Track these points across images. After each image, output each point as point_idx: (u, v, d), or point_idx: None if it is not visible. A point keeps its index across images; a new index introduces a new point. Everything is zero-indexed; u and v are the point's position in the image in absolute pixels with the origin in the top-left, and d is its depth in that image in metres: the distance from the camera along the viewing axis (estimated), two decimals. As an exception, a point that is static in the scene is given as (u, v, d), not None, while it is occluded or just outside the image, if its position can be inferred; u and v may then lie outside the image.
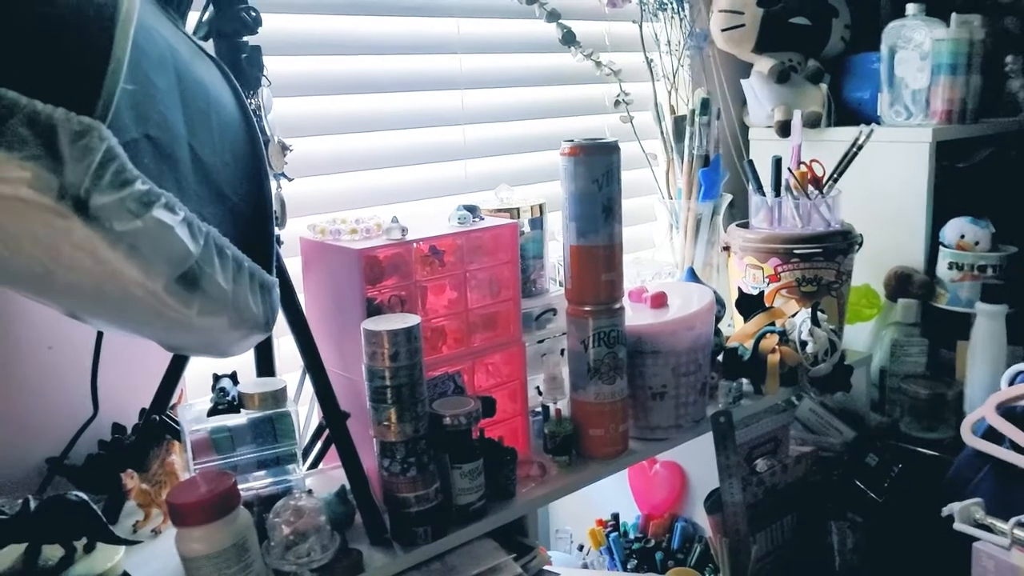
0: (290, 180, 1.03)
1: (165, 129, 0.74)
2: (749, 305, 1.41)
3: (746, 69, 1.77)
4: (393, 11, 1.34)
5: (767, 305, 1.42)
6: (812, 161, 1.49)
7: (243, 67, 0.96)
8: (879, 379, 1.64)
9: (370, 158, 1.35)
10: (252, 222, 0.84)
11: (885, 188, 1.62)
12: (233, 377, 0.99)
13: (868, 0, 1.82)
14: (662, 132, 1.63)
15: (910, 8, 1.64)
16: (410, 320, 0.92)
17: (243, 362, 1.02)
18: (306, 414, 1.12)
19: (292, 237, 1.09)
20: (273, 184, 0.99)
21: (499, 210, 1.18)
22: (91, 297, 0.73)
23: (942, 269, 1.60)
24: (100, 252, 0.65)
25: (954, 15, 1.59)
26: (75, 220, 0.62)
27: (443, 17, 1.41)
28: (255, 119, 0.92)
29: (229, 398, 0.94)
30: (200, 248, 0.72)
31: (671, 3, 1.60)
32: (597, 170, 1.06)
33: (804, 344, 1.36)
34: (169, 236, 0.69)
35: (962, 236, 1.58)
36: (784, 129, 1.65)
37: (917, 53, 1.62)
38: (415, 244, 1.03)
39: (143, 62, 0.72)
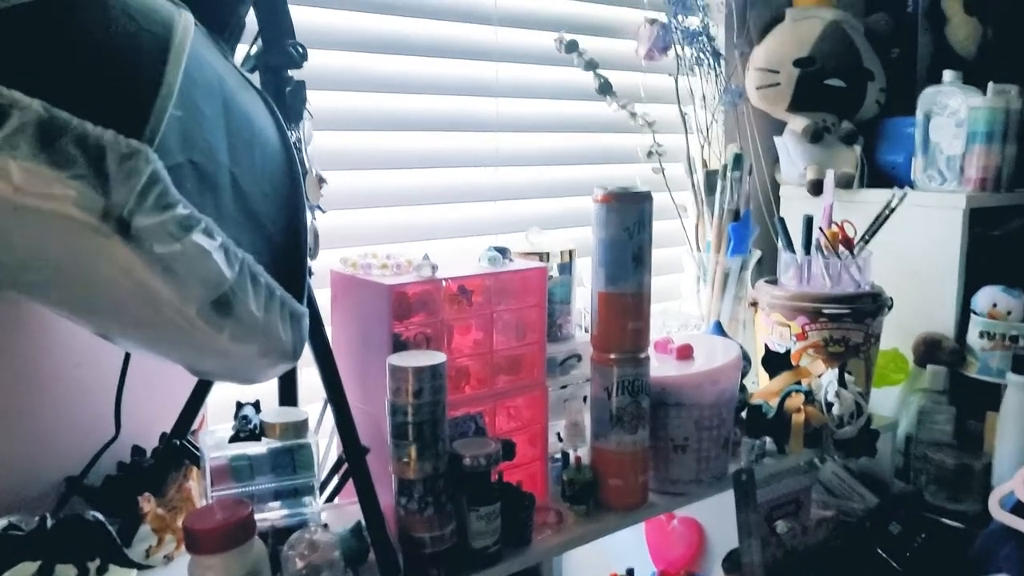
0: (324, 212, 1.04)
1: (209, 156, 0.75)
2: (775, 363, 1.40)
3: (780, 127, 1.77)
4: (434, 52, 1.36)
5: (793, 364, 1.41)
6: (844, 221, 1.48)
7: (287, 100, 0.97)
8: (905, 446, 1.61)
9: (405, 195, 1.36)
10: (286, 251, 0.85)
11: (917, 252, 1.61)
12: (256, 405, 0.99)
13: (904, 66, 1.82)
14: (693, 185, 1.63)
15: (947, 75, 1.64)
16: (436, 358, 0.92)
17: (266, 391, 1.02)
18: (325, 446, 1.12)
19: (323, 269, 1.10)
20: (308, 215, 1.00)
21: (529, 253, 1.18)
22: (125, 317, 0.74)
23: (973, 337, 1.57)
24: (138, 273, 0.65)
25: (991, 84, 1.59)
26: (116, 240, 0.63)
27: (482, 61, 1.43)
28: (295, 151, 0.93)
29: (251, 426, 0.94)
30: (235, 274, 0.73)
31: (707, 59, 1.61)
32: (629, 218, 1.06)
33: (830, 405, 1.34)
34: (206, 261, 0.69)
35: (994, 305, 1.56)
36: (816, 188, 1.65)
37: (953, 120, 1.62)
38: (444, 282, 1.03)
39: (192, 90, 0.74)
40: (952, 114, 1.63)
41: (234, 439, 0.93)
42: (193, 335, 0.72)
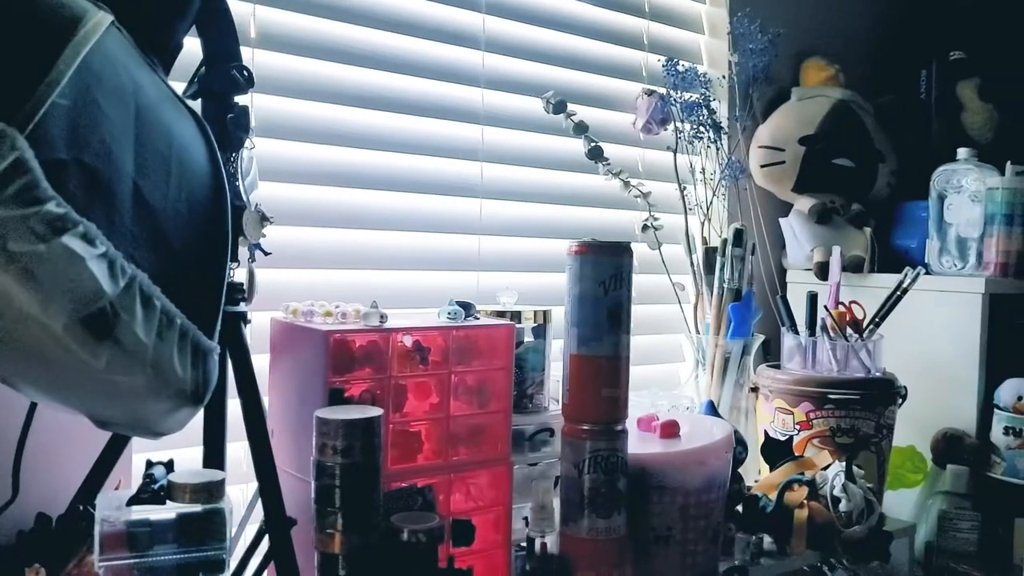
0: (267, 254, 0.94)
1: (106, 160, 0.67)
2: (776, 451, 1.27)
3: (785, 209, 1.69)
4: (418, 111, 1.30)
5: (796, 454, 1.27)
6: (852, 302, 1.37)
7: (227, 126, 0.90)
8: (924, 555, 1.45)
9: (380, 257, 1.28)
10: (199, 280, 0.75)
11: (934, 340, 1.49)
12: (168, 465, 0.87)
13: (918, 150, 1.74)
14: (692, 264, 1.53)
15: (961, 152, 1.56)
16: (370, 412, 0.80)
17: (192, 457, 0.91)
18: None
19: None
20: (245, 254, 0.91)
21: (498, 313, 1.07)
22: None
23: (997, 434, 1.43)
24: (-11, 272, 0.56)
25: (1009, 164, 1.50)
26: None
27: (469, 123, 1.36)
28: (231, 181, 0.85)
29: (156, 487, 0.81)
30: (118, 290, 0.63)
31: (707, 133, 1.54)
32: (604, 272, 0.96)
33: (837, 501, 1.20)
34: (77, 269, 0.60)
35: (1020, 398, 1.42)
36: (823, 271, 1.54)
37: (968, 198, 1.53)
38: (394, 333, 0.92)
39: (94, 88, 0.67)
40: (968, 193, 1.53)
41: (134, 500, 0.80)
42: (63, 359, 0.62)
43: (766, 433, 1.32)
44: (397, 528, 0.83)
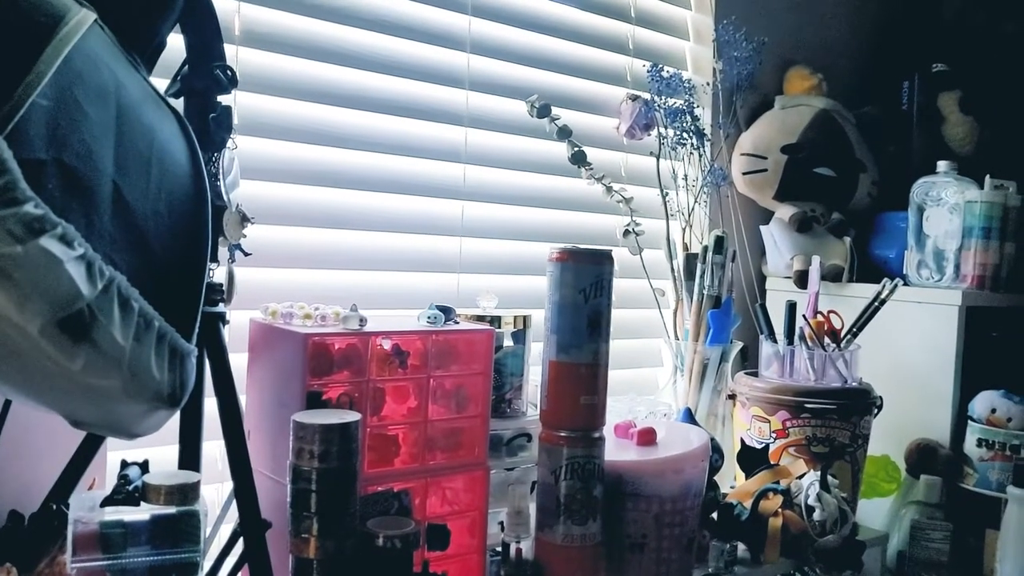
0: (247, 255, 0.94)
1: (86, 160, 0.66)
2: (752, 460, 1.27)
3: (766, 216, 1.69)
4: (402, 112, 1.29)
5: (772, 462, 1.28)
6: (830, 312, 1.38)
7: (210, 126, 0.89)
8: (896, 564, 1.46)
9: (361, 258, 1.27)
10: (177, 282, 0.75)
11: (910, 351, 1.50)
12: (143, 466, 0.86)
13: (899, 162, 1.75)
14: (672, 270, 1.53)
15: (941, 165, 1.57)
16: (348, 416, 0.80)
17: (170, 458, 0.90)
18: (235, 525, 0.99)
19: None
20: (225, 254, 0.90)
21: (478, 317, 1.07)
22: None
23: (970, 445, 1.45)
24: (-37, 274, 0.55)
25: (988, 177, 1.52)
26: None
27: (453, 125, 1.35)
28: (211, 180, 0.84)
29: (130, 488, 0.81)
30: (96, 292, 0.63)
31: (691, 139, 1.54)
32: (585, 279, 0.96)
33: (811, 510, 1.20)
34: (55, 271, 0.60)
35: (993, 411, 1.43)
36: (802, 280, 1.55)
37: (947, 210, 1.54)
38: (374, 337, 0.92)
39: (75, 87, 0.67)
40: (947, 205, 1.54)
41: (108, 501, 0.80)
42: (38, 360, 0.61)
43: (742, 441, 1.33)
44: (372, 533, 0.82)
